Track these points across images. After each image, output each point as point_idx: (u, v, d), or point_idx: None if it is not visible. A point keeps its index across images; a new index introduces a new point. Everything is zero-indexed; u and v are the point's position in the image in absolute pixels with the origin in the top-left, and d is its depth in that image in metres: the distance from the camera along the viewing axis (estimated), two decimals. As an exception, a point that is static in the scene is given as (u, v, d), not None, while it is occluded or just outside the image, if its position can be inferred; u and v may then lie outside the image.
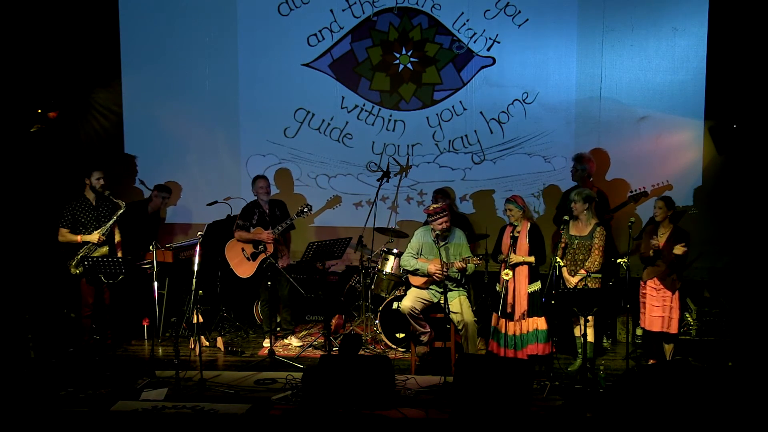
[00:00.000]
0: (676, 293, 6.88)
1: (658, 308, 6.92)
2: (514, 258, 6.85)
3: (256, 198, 8.02)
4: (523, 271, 6.88)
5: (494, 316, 6.97)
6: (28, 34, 8.47)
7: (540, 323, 6.84)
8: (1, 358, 7.01)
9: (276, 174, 8.91)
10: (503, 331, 6.85)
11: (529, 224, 6.94)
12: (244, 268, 7.87)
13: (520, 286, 6.85)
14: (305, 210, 7.89)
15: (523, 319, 6.84)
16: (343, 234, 8.34)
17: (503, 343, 6.85)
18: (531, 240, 6.86)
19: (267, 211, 7.99)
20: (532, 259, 6.84)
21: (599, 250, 6.90)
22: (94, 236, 7.38)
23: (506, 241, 6.97)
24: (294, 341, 7.95)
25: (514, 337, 6.84)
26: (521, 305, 6.84)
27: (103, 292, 7.43)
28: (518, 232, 6.92)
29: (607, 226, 7.29)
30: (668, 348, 7.01)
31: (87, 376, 6.60)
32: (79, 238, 7.36)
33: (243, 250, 7.86)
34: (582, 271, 6.87)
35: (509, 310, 6.85)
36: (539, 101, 8.64)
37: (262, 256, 7.78)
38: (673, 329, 6.90)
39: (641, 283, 7.05)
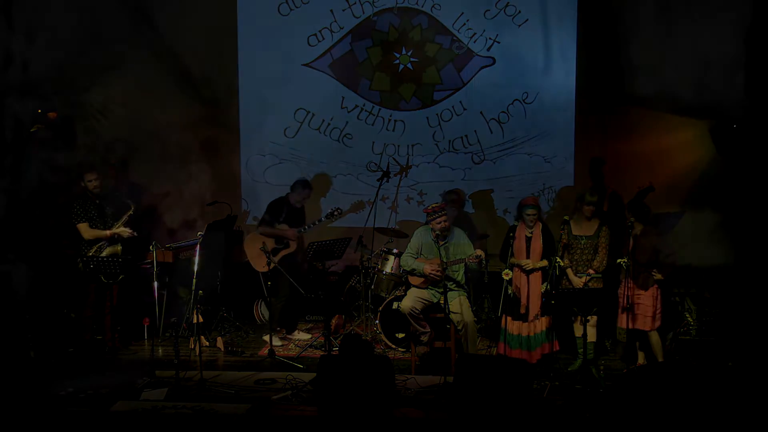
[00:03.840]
0: (650, 290, 6.77)
1: (636, 306, 6.82)
2: (530, 264, 6.84)
3: (285, 196, 7.97)
4: (537, 272, 6.86)
5: (505, 317, 6.93)
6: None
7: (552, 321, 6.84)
8: (1, 358, 7.01)
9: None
10: (515, 332, 6.85)
11: (540, 225, 6.93)
12: (264, 262, 7.80)
13: (534, 287, 6.83)
14: (335, 213, 8.00)
15: (537, 319, 6.83)
16: (343, 234, 8.34)
17: (515, 344, 6.84)
18: (545, 241, 6.84)
19: (296, 208, 7.97)
20: (545, 263, 6.82)
21: (605, 249, 6.89)
22: (125, 231, 7.35)
23: (520, 243, 6.92)
24: (300, 335, 7.99)
25: (528, 338, 6.84)
26: (535, 305, 6.83)
27: (111, 291, 7.40)
28: (531, 233, 6.91)
29: (611, 225, 7.27)
30: (654, 343, 6.84)
31: (87, 376, 6.61)
32: (108, 233, 7.32)
33: (264, 244, 7.80)
34: (590, 271, 6.85)
35: (522, 311, 6.84)
36: (539, 101, 8.64)
37: (283, 253, 7.77)
38: (648, 326, 6.76)
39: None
